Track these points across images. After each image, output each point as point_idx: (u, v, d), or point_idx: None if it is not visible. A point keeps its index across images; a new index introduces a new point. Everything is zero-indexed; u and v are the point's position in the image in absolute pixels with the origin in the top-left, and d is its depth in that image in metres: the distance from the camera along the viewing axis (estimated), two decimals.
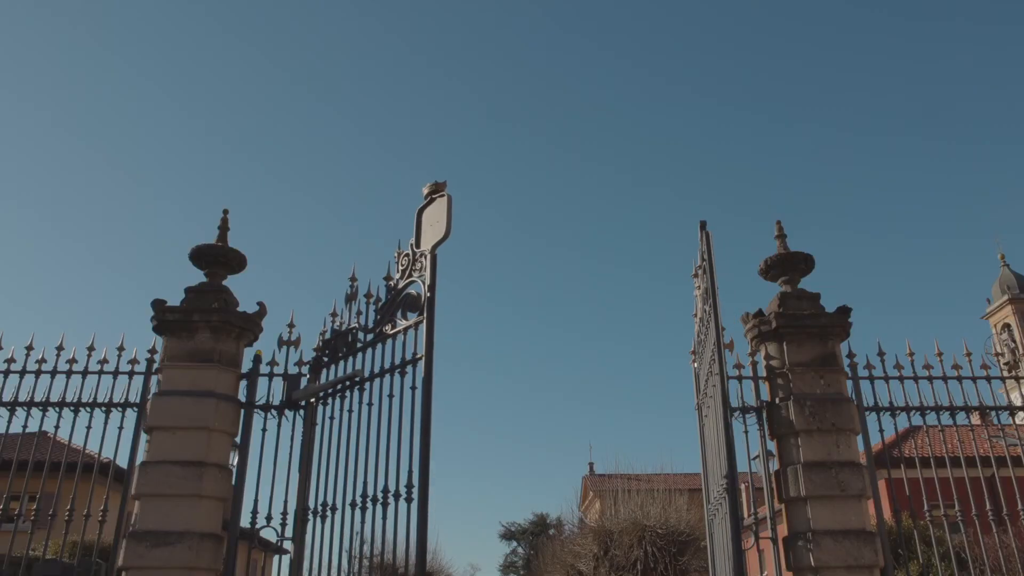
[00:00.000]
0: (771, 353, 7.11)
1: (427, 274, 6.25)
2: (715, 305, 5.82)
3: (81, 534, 6.73)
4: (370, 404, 6.33)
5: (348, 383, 6.58)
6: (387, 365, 6.39)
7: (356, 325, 6.79)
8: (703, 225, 6.37)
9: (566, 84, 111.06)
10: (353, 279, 7.03)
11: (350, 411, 6.47)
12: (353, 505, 6.09)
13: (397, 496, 5.83)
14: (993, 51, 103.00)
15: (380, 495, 5.94)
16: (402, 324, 6.39)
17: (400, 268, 6.66)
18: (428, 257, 6.29)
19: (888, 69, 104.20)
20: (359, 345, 6.67)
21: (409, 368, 6.19)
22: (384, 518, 5.86)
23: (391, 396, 6.22)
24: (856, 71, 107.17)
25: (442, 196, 6.42)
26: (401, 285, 6.57)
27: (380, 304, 6.69)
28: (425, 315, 6.12)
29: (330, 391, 6.66)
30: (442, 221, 6.29)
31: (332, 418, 6.56)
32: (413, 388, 6.06)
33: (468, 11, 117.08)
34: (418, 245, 6.52)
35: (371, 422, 6.22)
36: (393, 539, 5.74)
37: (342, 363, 6.76)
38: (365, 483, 6.08)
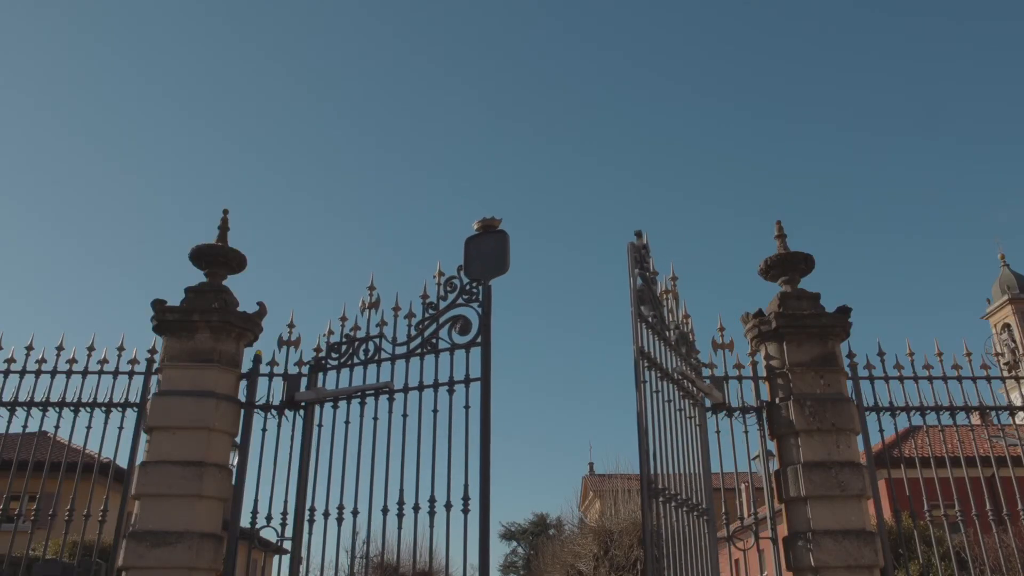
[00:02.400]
0: (771, 353, 7.11)
1: (483, 302, 6.53)
2: (635, 315, 6.05)
3: (81, 534, 6.73)
4: (405, 415, 6.43)
5: (374, 392, 6.61)
6: (428, 380, 6.53)
7: (379, 334, 6.81)
8: (639, 235, 6.62)
9: (565, 83, 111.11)
10: (372, 288, 7.03)
11: (375, 418, 6.51)
12: (385, 511, 6.19)
13: (449, 507, 6.05)
14: (993, 51, 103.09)
15: (426, 504, 6.09)
16: (446, 344, 6.56)
17: (445, 291, 6.78)
18: (483, 287, 6.58)
19: (888, 69, 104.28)
20: (384, 355, 6.72)
21: (459, 387, 6.38)
22: (431, 526, 6.09)
23: (435, 411, 6.38)
24: (856, 71, 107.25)
25: (499, 232, 6.79)
26: (443, 307, 6.71)
27: (415, 320, 6.77)
28: (482, 340, 6.40)
29: (343, 397, 6.68)
30: (502, 257, 6.66)
31: (348, 422, 6.56)
32: (467, 407, 6.24)
33: (471, 12, 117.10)
34: (467, 272, 6.71)
35: (406, 433, 6.35)
36: (446, 546, 6.15)
37: (360, 369, 6.77)
38: (402, 491, 6.20)
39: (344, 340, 6.90)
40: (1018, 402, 8.21)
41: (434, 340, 6.64)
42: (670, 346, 6.62)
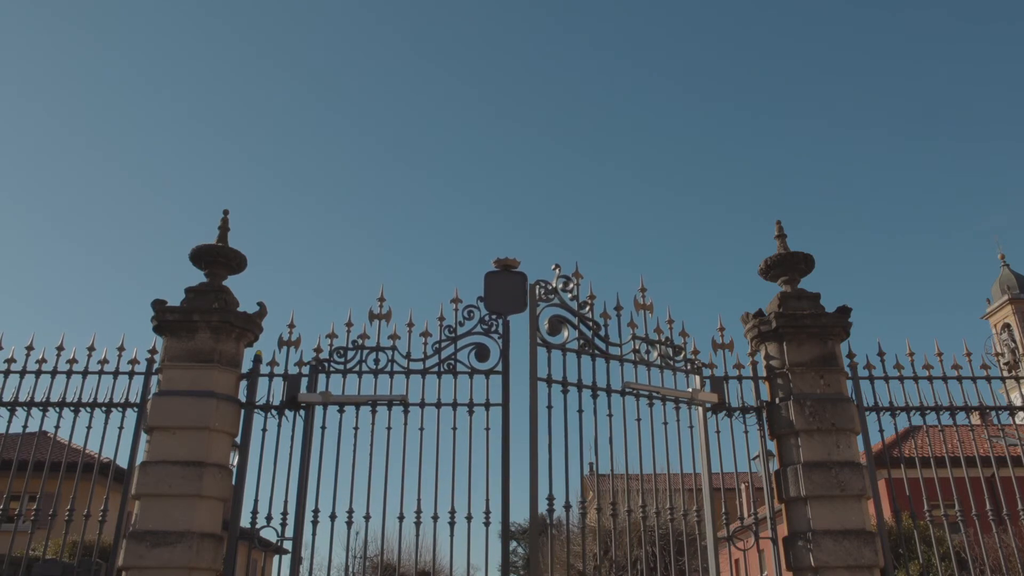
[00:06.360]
0: (771, 353, 7.11)
1: (504, 335, 6.95)
2: (532, 348, 6.74)
3: (81, 534, 6.72)
4: (422, 429, 6.67)
5: (387, 402, 6.74)
6: (445, 399, 6.80)
7: (392, 347, 6.94)
8: (556, 268, 7.28)
9: (566, 83, 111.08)
10: (382, 299, 7.08)
11: (389, 428, 6.65)
12: (401, 518, 6.41)
13: (469, 519, 6.41)
14: (994, 51, 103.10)
15: (446, 515, 6.40)
16: (464, 367, 6.90)
17: (463, 317, 7.05)
18: (503, 322, 7.00)
19: (889, 68, 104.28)
20: (398, 368, 6.88)
21: (478, 409, 6.75)
22: (452, 536, 6.39)
23: (455, 429, 6.66)
24: (856, 71, 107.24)
25: (519, 273, 7.19)
26: (461, 332, 7.00)
27: (432, 340, 6.99)
28: (503, 369, 6.85)
29: (352, 403, 6.73)
30: (520, 299, 7.06)
31: (357, 428, 6.64)
32: (487, 429, 6.64)
33: (469, 12, 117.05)
34: (487, 305, 7.07)
35: (423, 446, 6.62)
36: (468, 554, 6.47)
37: (368, 377, 6.84)
38: (419, 500, 6.47)
39: (352, 346, 6.94)
40: (1018, 402, 8.20)
41: (452, 362, 6.93)
42: (620, 360, 6.93)
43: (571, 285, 7.20)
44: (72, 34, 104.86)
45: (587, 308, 7.14)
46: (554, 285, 7.16)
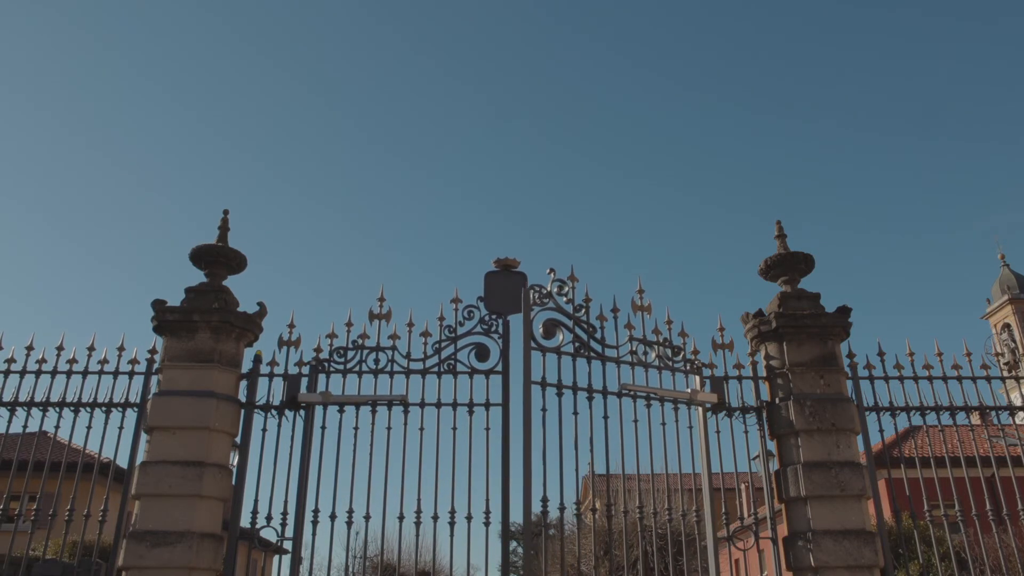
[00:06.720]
0: (771, 353, 7.11)
1: (503, 335, 6.97)
2: (526, 353, 6.77)
3: (81, 534, 6.72)
4: (422, 428, 6.67)
5: (387, 402, 6.75)
6: (445, 399, 6.80)
7: (392, 347, 6.94)
8: (552, 272, 7.26)
9: (565, 83, 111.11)
10: (382, 299, 7.09)
11: (389, 428, 6.65)
12: (401, 518, 6.40)
13: (470, 519, 6.42)
14: (994, 50, 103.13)
15: (447, 515, 6.41)
16: (464, 367, 6.90)
17: (463, 316, 7.07)
18: (503, 322, 7.03)
19: (889, 69, 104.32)
20: (398, 368, 6.89)
21: (478, 409, 6.76)
22: (452, 536, 6.39)
23: (455, 429, 6.66)
24: (856, 71, 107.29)
25: (519, 273, 7.22)
26: (461, 332, 7.02)
27: (432, 339, 6.99)
28: (502, 369, 6.86)
29: (352, 403, 6.74)
30: (518, 299, 7.05)
31: (357, 428, 6.65)
32: (487, 428, 6.65)
33: (469, 12, 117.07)
34: (487, 305, 7.10)
35: (423, 446, 6.64)
36: (468, 554, 6.49)
37: (368, 377, 6.85)
38: (419, 500, 6.49)
39: (352, 346, 6.95)
40: (1018, 402, 8.20)
41: (452, 362, 6.93)
42: (617, 362, 6.96)
43: (566, 288, 7.19)
44: (72, 34, 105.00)
45: (583, 311, 7.14)
46: (548, 289, 7.16)
